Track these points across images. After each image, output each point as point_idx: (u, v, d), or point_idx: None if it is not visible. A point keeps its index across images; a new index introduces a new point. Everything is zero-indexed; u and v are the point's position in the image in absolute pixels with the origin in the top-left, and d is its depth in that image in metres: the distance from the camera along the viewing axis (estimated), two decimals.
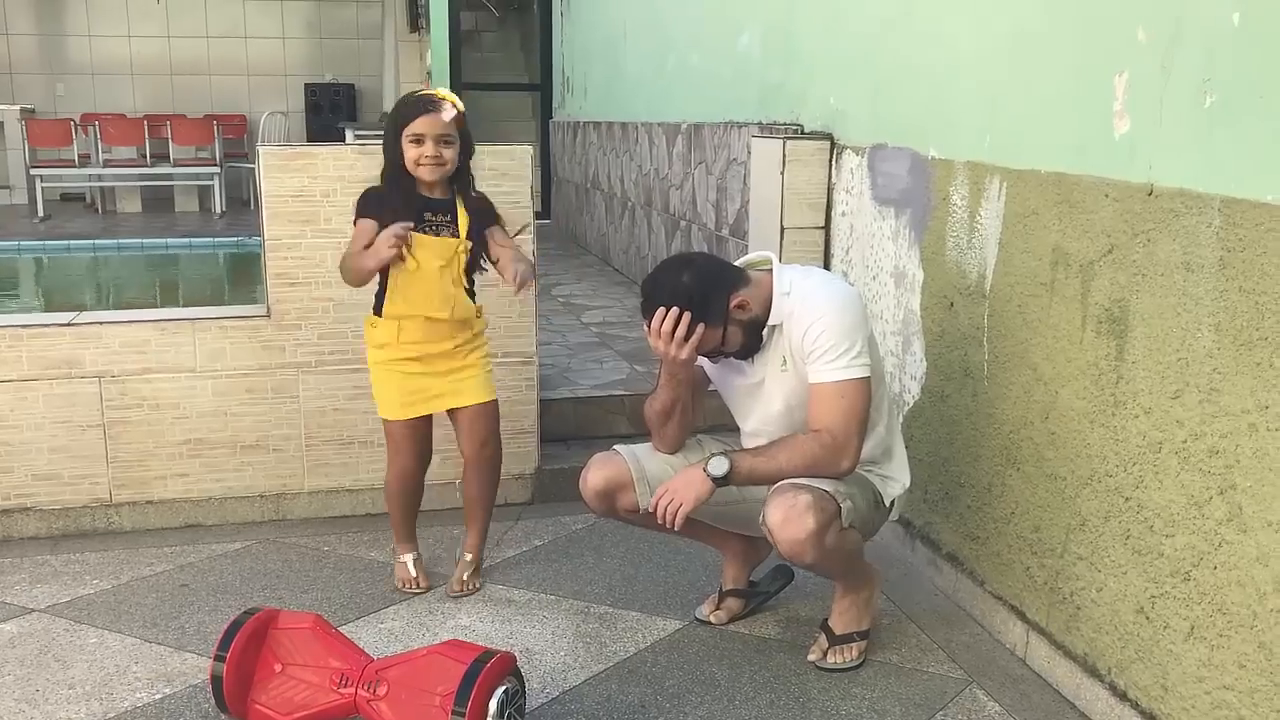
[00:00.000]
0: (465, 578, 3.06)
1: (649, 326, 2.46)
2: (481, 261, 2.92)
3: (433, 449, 3.08)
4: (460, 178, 2.87)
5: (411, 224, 2.75)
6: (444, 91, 2.87)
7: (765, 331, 2.53)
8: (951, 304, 2.99)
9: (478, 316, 2.96)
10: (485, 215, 2.90)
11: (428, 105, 2.77)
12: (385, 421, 2.99)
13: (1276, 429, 1.91)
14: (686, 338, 2.42)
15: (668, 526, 2.47)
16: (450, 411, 2.98)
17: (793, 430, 2.56)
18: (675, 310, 2.41)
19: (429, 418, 3.00)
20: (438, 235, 2.81)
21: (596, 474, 2.67)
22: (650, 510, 2.50)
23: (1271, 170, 1.90)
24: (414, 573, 3.08)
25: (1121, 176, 2.28)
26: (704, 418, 2.82)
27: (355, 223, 2.85)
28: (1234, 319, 1.99)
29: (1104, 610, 2.40)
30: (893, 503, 2.68)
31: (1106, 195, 2.32)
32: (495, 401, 3.00)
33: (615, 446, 2.73)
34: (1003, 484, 2.78)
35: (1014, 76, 2.70)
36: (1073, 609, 2.52)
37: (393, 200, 2.79)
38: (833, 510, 2.40)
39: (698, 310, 2.43)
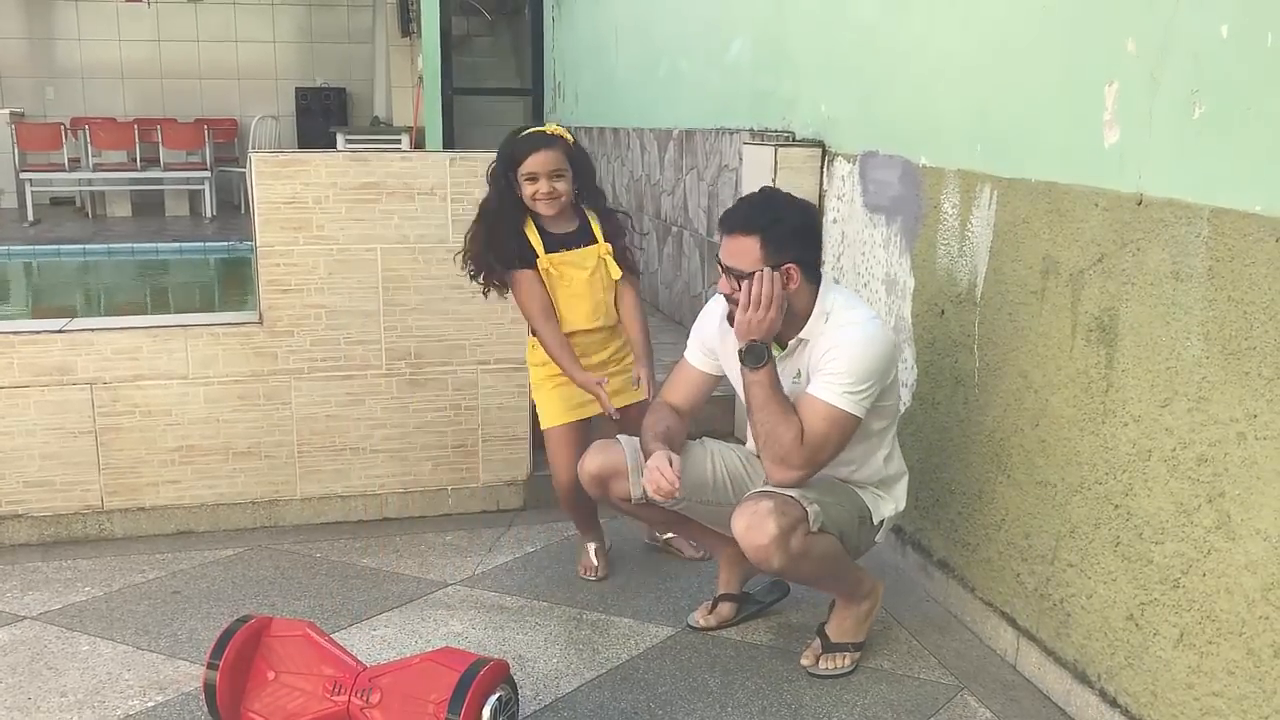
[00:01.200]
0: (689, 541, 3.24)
1: (728, 249, 2.50)
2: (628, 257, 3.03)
3: None
4: (589, 198, 2.98)
5: (604, 380, 2.93)
6: (553, 126, 2.95)
7: (792, 342, 2.56)
8: (942, 311, 3.00)
9: (618, 325, 3.06)
10: (619, 231, 3.02)
11: (538, 143, 2.85)
12: (546, 434, 3.08)
13: (1265, 437, 1.93)
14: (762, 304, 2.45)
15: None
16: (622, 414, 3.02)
17: None
18: (756, 246, 2.45)
19: (586, 425, 3.07)
20: (576, 249, 2.93)
21: (593, 459, 2.73)
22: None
23: (1260, 181, 1.91)
24: (595, 561, 3.20)
25: (1111, 186, 2.30)
26: (698, 425, 2.84)
27: (507, 275, 2.93)
28: (1223, 328, 2.01)
29: (1094, 617, 2.42)
30: (882, 522, 2.68)
31: (1096, 204, 2.34)
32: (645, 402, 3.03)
33: (617, 435, 2.76)
34: (993, 491, 2.79)
35: (1005, 85, 2.72)
36: (1063, 615, 2.53)
37: (510, 244, 2.90)
38: (796, 515, 2.41)
39: (775, 244, 2.45)
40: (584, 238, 2.96)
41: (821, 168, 3.79)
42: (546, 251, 2.91)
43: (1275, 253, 1.88)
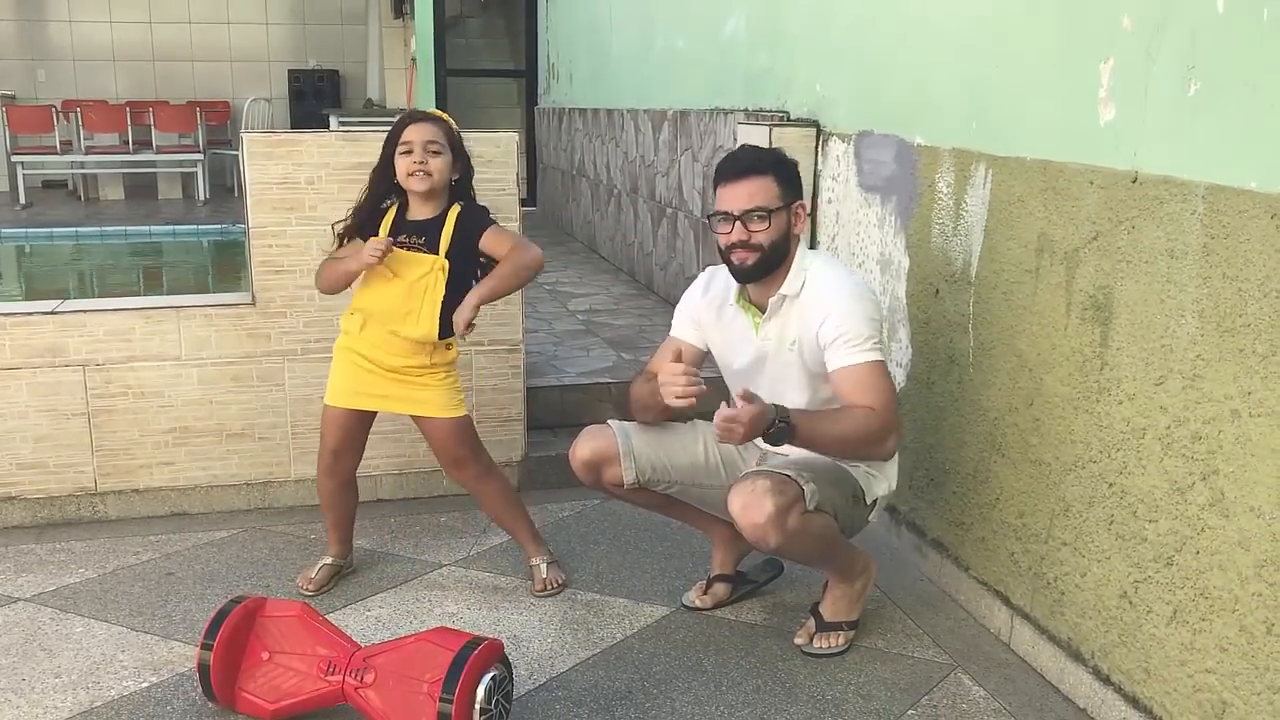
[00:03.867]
0: (545, 577, 3.01)
1: (735, 196, 2.51)
2: (476, 278, 2.82)
3: (359, 456, 2.99)
4: (458, 193, 2.86)
5: (393, 240, 2.76)
6: (436, 110, 2.90)
7: (774, 299, 2.56)
8: (937, 291, 3.00)
9: (447, 348, 2.86)
10: (478, 224, 2.81)
11: (419, 116, 2.81)
12: (325, 408, 2.92)
13: (1259, 414, 1.93)
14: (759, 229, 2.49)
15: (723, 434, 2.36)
16: (420, 427, 2.93)
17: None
18: (771, 183, 2.50)
19: (366, 420, 2.94)
20: (412, 252, 2.79)
21: (585, 445, 2.71)
22: (718, 423, 2.34)
23: (1255, 157, 1.91)
24: (314, 574, 3.00)
25: (1106, 163, 2.29)
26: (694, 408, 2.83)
27: (344, 239, 2.88)
28: (1217, 305, 2.00)
29: (1088, 595, 2.42)
30: (875, 501, 2.69)
31: (1091, 182, 2.33)
32: (461, 420, 2.89)
33: (608, 420, 2.75)
34: (988, 470, 2.79)
35: (1000, 64, 2.70)
36: (1057, 594, 2.53)
37: (370, 225, 2.84)
38: (793, 493, 2.41)
39: (789, 183, 2.54)
40: (429, 235, 2.78)
41: (816, 147, 3.78)
42: (392, 240, 2.78)
43: (1270, 229, 1.87)
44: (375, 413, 2.95)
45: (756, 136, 3.85)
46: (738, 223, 2.50)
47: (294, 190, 3.40)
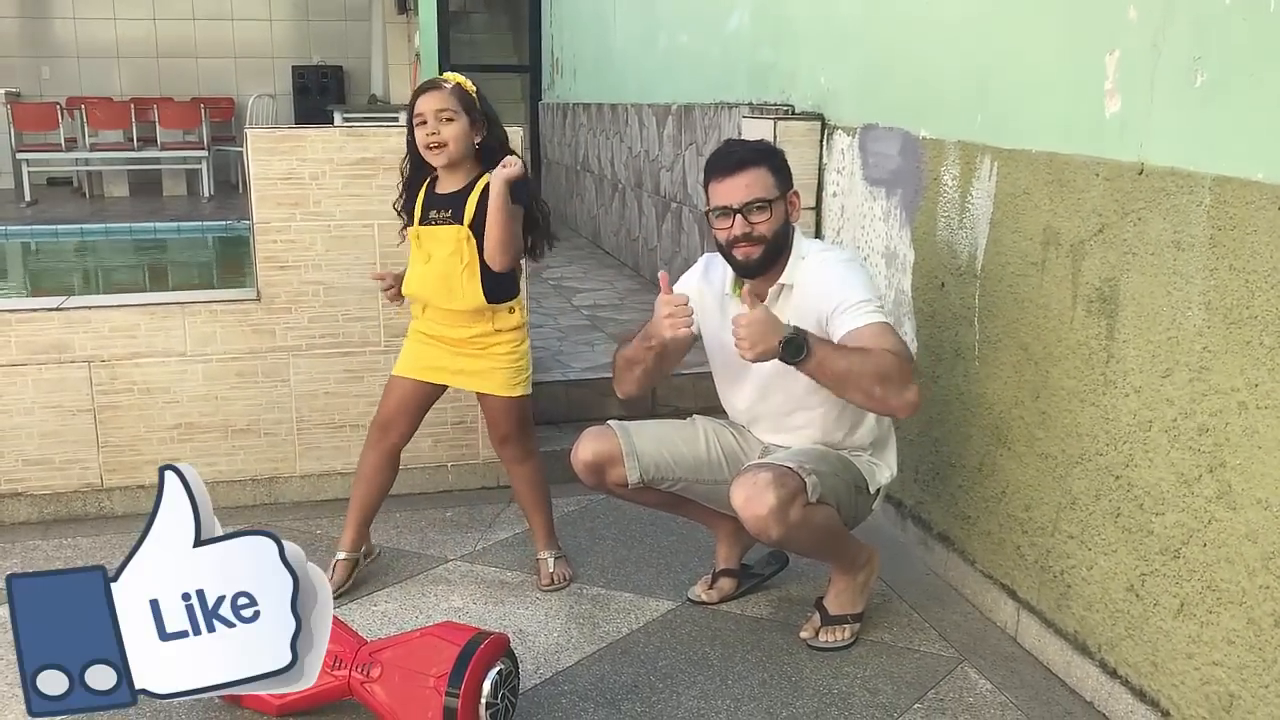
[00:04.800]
0: (552, 571, 3.01)
1: (726, 183, 2.51)
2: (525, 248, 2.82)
3: (409, 434, 2.98)
4: (489, 157, 2.76)
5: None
6: (451, 74, 2.83)
7: (774, 289, 2.56)
8: (943, 284, 2.99)
9: (509, 311, 2.85)
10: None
11: (428, 85, 2.75)
12: (390, 379, 2.94)
13: (1266, 407, 1.92)
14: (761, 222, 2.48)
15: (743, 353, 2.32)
16: (479, 402, 2.96)
17: (789, 401, 2.58)
18: (767, 174, 2.50)
19: (425, 395, 2.94)
20: (440, 226, 2.78)
21: (587, 447, 2.69)
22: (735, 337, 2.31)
23: (1262, 148, 1.90)
24: (330, 574, 2.80)
25: (1112, 155, 2.28)
26: (694, 400, 2.83)
27: (401, 212, 2.90)
28: (1224, 297, 2.00)
29: (1094, 588, 2.42)
30: (878, 490, 2.68)
31: (1097, 174, 2.33)
32: (518, 400, 2.90)
33: (608, 421, 2.74)
34: (993, 463, 2.78)
35: (1005, 55, 2.70)
36: (1063, 587, 2.53)
37: (408, 204, 2.85)
38: (795, 486, 2.41)
39: (782, 172, 2.54)
40: (455, 208, 2.75)
41: (821, 141, 3.77)
42: (423, 217, 2.79)
43: (1277, 221, 1.86)
44: (435, 395, 2.95)
45: (761, 130, 3.84)
46: (738, 216, 2.48)
47: (298, 186, 3.40)
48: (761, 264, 2.52)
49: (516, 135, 3.57)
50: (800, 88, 4.04)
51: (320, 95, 12.15)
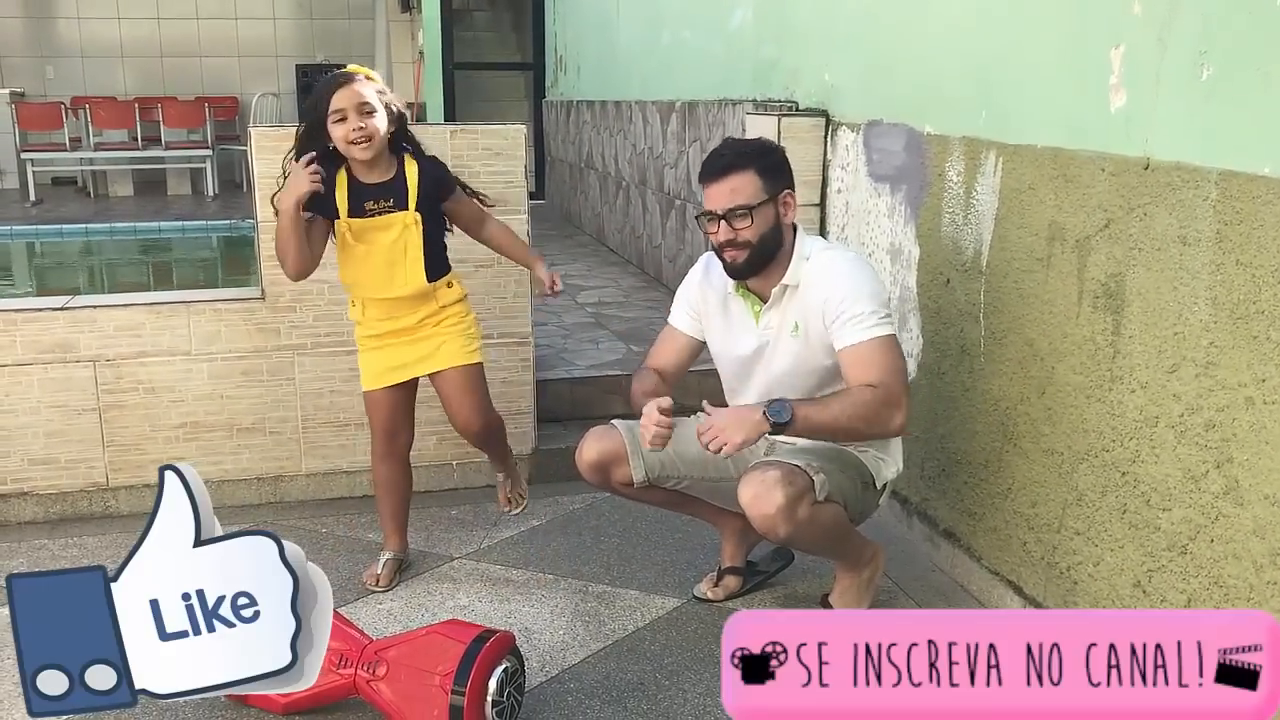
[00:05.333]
0: (508, 493, 3.24)
1: (714, 189, 2.50)
2: (446, 225, 2.90)
3: (412, 431, 3.01)
4: (402, 143, 2.80)
5: (313, 158, 2.67)
6: (354, 66, 2.82)
7: (777, 289, 2.55)
8: (948, 281, 2.99)
9: (448, 286, 2.88)
10: (442, 184, 2.84)
11: (342, 79, 2.71)
12: (365, 396, 2.95)
13: (1273, 402, 1.91)
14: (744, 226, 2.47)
15: (713, 450, 2.38)
16: (435, 386, 2.93)
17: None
18: (753, 178, 2.47)
19: (407, 394, 2.94)
20: (382, 216, 2.76)
21: (592, 447, 2.69)
22: (701, 441, 2.39)
23: (1268, 143, 1.89)
24: (379, 570, 2.99)
25: (1118, 150, 2.27)
26: (699, 397, 2.81)
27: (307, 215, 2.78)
28: (1230, 292, 1.99)
29: (1101, 585, 2.41)
30: (885, 485, 2.68)
31: (1103, 170, 2.32)
32: (477, 367, 2.91)
33: (612, 420, 2.74)
34: (999, 460, 2.78)
35: (1009, 51, 2.69)
36: (1070, 584, 2.52)
37: (327, 203, 2.74)
38: (803, 484, 2.40)
39: (773, 173, 2.50)
40: (396, 195, 2.75)
41: (825, 137, 3.76)
42: (351, 211, 2.75)
43: None
44: (414, 389, 2.96)
45: (765, 127, 3.84)
46: (722, 221, 2.49)
47: None
48: (749, 267, 2.53)
49: (520, 133, 3.57)
50: (804, 84, 4.04)
51: None
